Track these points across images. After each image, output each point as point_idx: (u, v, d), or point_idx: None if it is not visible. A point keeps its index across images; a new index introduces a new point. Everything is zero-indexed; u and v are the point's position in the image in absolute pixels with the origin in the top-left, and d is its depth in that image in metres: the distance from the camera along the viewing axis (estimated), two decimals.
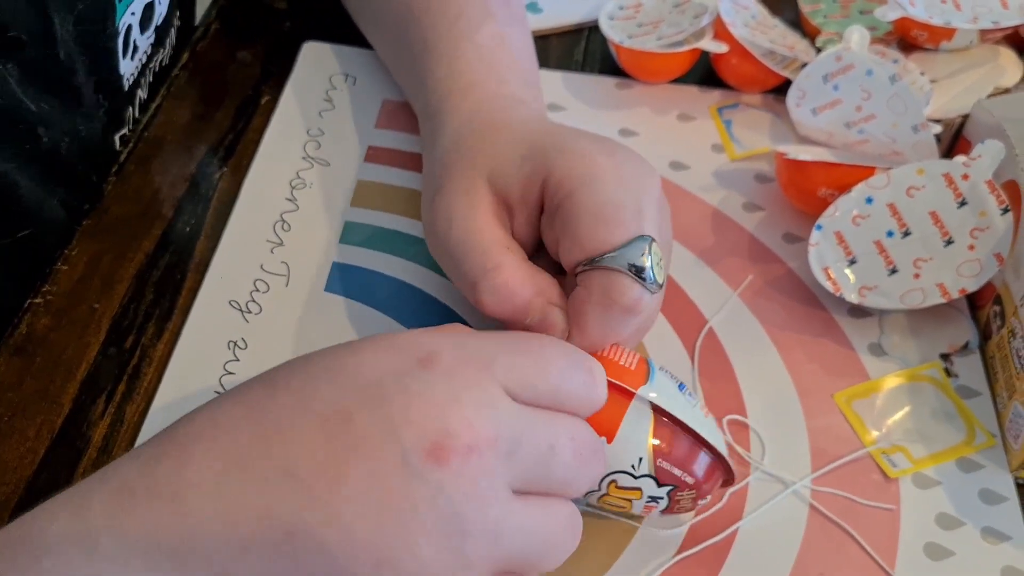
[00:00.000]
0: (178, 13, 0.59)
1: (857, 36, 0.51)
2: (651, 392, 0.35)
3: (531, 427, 0.30)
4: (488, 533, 0.29)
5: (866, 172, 0.47)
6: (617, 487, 0.35)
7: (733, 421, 0.42)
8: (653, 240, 0.35)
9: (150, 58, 0.54)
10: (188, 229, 0.49)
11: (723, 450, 0.35)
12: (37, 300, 0.45)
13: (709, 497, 0.36)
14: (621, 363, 0.35)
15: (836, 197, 0.47)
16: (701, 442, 0.35)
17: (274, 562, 0.28)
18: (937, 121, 0.51)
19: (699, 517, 0.39)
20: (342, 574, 0.28)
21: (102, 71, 0.49)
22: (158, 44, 0.55)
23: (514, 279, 0.36)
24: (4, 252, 0.46)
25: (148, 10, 0.52)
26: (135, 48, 0.52)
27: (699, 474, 0.35)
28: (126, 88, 0.52)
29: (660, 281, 0.35)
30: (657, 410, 0.35)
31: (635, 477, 0.34)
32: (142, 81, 0.54)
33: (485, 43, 0.45)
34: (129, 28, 0.50)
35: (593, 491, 0.35)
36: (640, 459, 0.34)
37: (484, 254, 0.36)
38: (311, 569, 0.28)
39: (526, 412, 0.31)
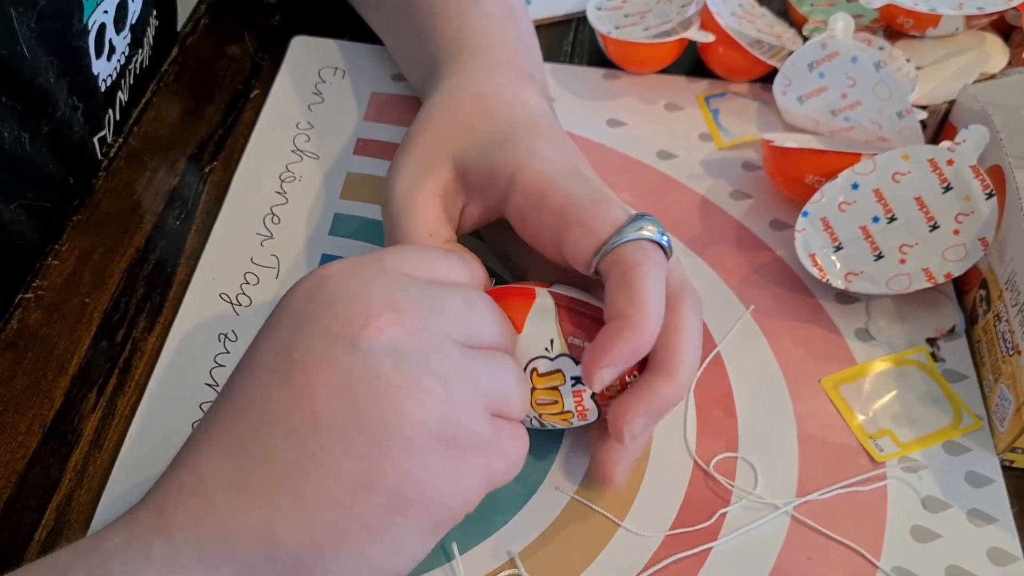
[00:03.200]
0: (155, 12, 0.58)
1: (842, 23, 0.51)
2: (551, 288, 0.37)
3: (441, 291, 0.33)
4: (461, 373, 0.31)
5: (852, 159, 0.47)
6: (539, 375, 0.36)
7: (720, 408, 0.43)
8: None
9: (129, 59, 0.54)
10: (178, 223, 0.49)
11: None
12: (28, 295, 0.45)
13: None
14: (526, 284, 0.37)
15: (822, 184, 0.47)
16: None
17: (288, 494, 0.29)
18: (923, 107, 0.51)
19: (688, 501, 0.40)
20: (355, 472, 0.29)
21: (73, 71, 0.48)
22: (135, 44, 0.55)
23: None
24: None
25: (122, 9, 0.52)
26: (112, 48, 0.51)
27: None
28: (103, 89, 0.52)
29: (671, 247, 0.36)
30: (559, 300, 0.36)
31: (551, 359, 0.35)
32: (122, 83, 0.54)
33: (493, 11, 0.46)
34: (103, 28, 0.50)
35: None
36: (551, 340, 0.35)
37: (408, 236, 0.39)
38: (329, 478, 0.29)
39: (429, 284, 0.33)
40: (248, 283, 0.46)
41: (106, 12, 0.50)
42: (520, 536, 0.38)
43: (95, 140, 0.52)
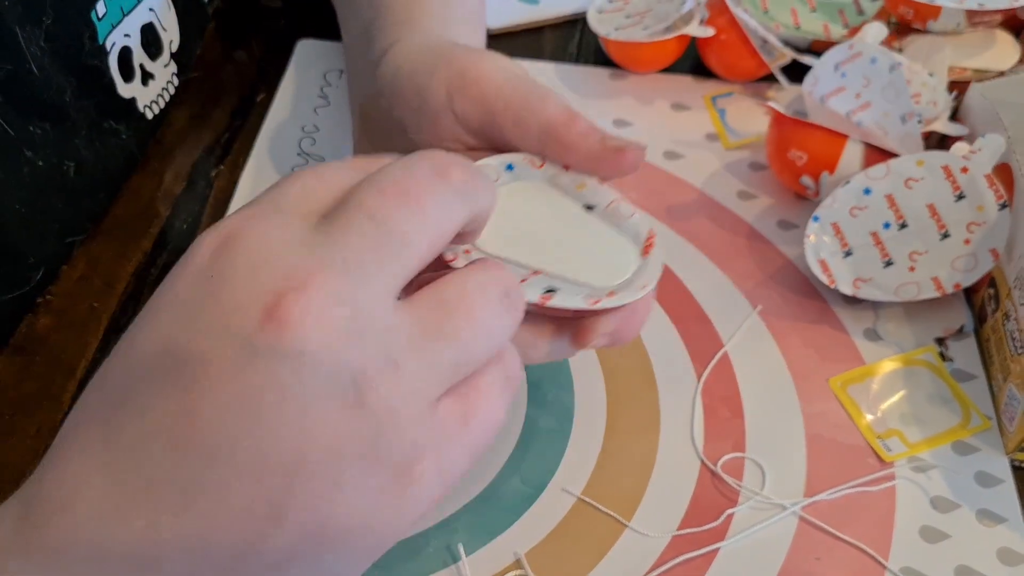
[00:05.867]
0: (201, 43, 0.57)
1: (874, 30, 0.51)
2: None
3: (383, 222, 0.26)
4: (391, 369, 0.24)
5: (839, 140, 0.47)
6: None
7: (728, 408, 0.43)
8: None
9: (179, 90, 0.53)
10: (185, 227, 0.49)
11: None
12: (37, 300, 0.45)
13: None
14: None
15: (803, 161, 0.47)
16: None
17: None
18: (953, 84, 0.50)
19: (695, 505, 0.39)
20: (248, 505, 0.23)
21: (96, 92, 0.47)
22: (183, 72, 0.54)
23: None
24: None
25: (150, 34, 0.51)
26: (148, 75, 0.51)
27: None
28: (150, 117, 0.51)
29: None
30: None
31: None
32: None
33: None
34: (128, 51, 0.49)
35: None
36: None
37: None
38: (217, 510, 0.23)
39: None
40: None
41: (127, 35, 0.49)
42: (526, 537, 0.38)
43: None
